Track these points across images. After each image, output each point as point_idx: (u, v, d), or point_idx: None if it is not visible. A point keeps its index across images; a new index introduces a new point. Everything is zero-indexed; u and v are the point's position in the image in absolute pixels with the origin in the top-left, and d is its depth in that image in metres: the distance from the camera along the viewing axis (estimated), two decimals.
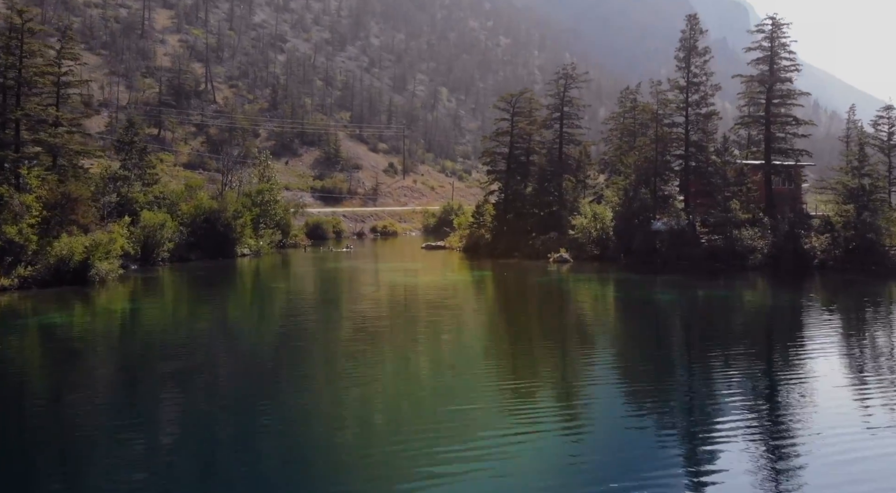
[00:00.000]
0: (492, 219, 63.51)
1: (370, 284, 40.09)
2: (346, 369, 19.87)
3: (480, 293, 38.62)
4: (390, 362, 21.06)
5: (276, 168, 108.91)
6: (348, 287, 39.47)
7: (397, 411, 16.14)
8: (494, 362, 21.54)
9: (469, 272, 47.24)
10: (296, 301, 34.82)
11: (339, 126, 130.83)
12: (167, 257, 49.73)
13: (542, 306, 34.08)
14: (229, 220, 55.43)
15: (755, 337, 26.50)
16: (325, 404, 16.75)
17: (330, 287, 39.60)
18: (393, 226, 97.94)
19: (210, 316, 30.20)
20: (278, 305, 33.71)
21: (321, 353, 22.30)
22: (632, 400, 17.10)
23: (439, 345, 24.17)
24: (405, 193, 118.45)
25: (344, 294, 36.81)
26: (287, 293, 37.46)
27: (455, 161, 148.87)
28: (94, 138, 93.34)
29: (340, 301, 33.74)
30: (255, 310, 32.48)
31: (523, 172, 65.06)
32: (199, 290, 39.23)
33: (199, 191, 58.80)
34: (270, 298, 35.96)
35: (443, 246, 68.11)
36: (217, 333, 26.58)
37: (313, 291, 38.27)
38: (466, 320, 29.78)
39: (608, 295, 37.74)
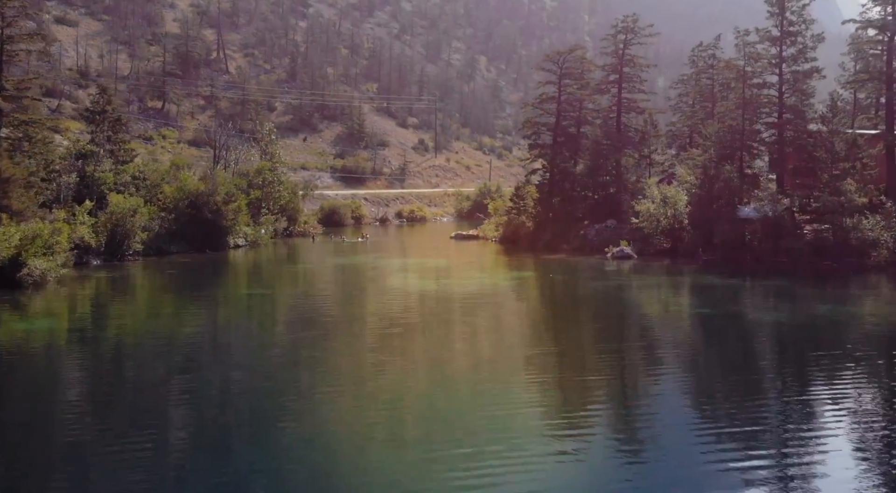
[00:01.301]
0: (534, 203, 55.58)
1: (378, 291, 32.37)
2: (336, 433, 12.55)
3: (519, 305, 30.57)
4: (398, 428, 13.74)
5: (288, 145, 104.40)
6: (348, 297, 31.76)
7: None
8: (541, 409, 15.81)
9: (505, 272, 39.23)
10: (272, 319, 27.39)
11: (364, 99, 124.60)
12: (141, 250, 43.12)
13: (599, 326, 26.11)
14: (219, 204, 48.62)
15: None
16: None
17: (324, 297, 31.94)
18: (421, 211, 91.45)
19: (148, 337, 23.03)
20: (246, 327, 26.33)
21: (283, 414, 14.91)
22: (705, 435, 13.97)
23: (469, 384, 16.82)
24: (436, 173, 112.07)
25: (338, 309, 29.16)
26: (265, 306, 30.03)
27: (494, 137, 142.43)
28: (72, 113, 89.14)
29: (327, 323, 26.16)
30: (213, 335, 25.15)
31: (573, 147, 56.87)
32: (159, 296, 32.22)
33: (185, 170, 52.06)
34: (240, 314, 28.62)
35: (475, 236, 60.38)
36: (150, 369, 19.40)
37: (300, 304, 30.64)
38: (502, 347, 22.12)
39: (686, 310, 29.39)
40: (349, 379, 18.10)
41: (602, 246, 46.60)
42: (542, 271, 39.40)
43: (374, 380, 17.83)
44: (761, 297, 32.68)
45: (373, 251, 50.96)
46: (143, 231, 44.18)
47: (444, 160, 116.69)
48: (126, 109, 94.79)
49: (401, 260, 43.67)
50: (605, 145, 55.11)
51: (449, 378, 18.22)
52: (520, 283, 34.98)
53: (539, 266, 41.41)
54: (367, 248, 53.90)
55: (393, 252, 51.61)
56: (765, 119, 49.31)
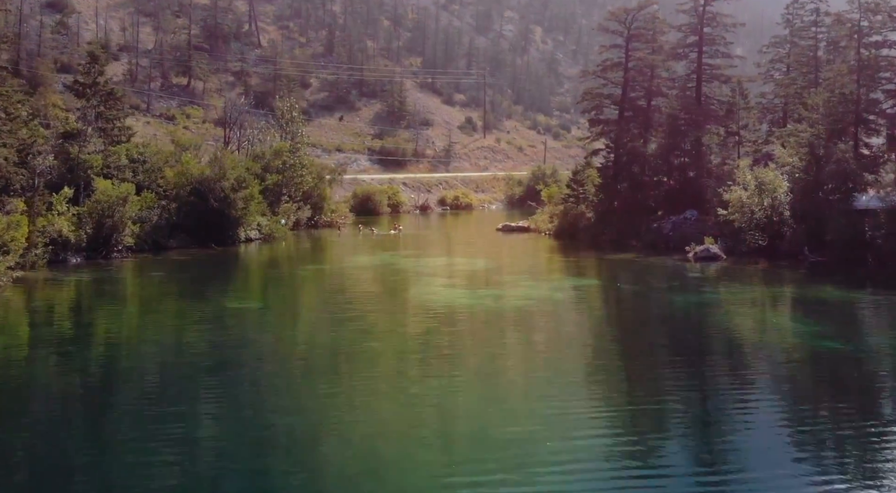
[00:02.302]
0: (596, 190, 49.21)
1: (399, 307, 26.26)
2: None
3: (578, 332, 24.22)
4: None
5: (323, 124, 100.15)
6: (354, 318, 25.40)
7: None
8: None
9: (560, 279, 32.77)
10: (240, 349, 21.87)
11: (406, 74, 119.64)
12: (133, 245, 38.57)
13: (681, 365, 19.89)
14: (227, 192, 43.68)
15: None
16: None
17: (321, 317, 25.46)
18: (466, 197, 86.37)
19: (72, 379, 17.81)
20: (216, 360, 20.82)
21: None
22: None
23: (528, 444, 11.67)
24: (485, 155, 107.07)
25: (338, 336, 23.31)
26: (245, 327, 24.43)
27: (549, 115, 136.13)
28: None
29: (321, 360, 20.48)
30: (168, 371, 19.74)
31: (643, 123, 50.30)
32: (116, 310, 27.14)
33: (192, 151, 47.34)
34: (210, 339, 23.07)
35: (526, 228, 54.27)
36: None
37: (289, 327, 24.46)
38: (559, 393, 16.29)
39: (794, 340, 22.53)
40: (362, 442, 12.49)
41: (681, 243, 39.90)
42: (608, 277, 33.02)
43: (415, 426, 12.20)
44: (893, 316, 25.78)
45: (405, 247, 45.34)
46: (136, 223, 39.66)
47: (493, 141, 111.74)
48: (146, 87, 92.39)
49: (435, 260, 37.78)
50: (682, 120, 48.22)
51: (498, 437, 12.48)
52: (579, 296, 28.56)
53: (603, 270, 35.06)
54: (399, 242, 48.48)
55: (428, 248, 45.85)
56: (885, 86, 41.81)
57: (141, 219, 40.68)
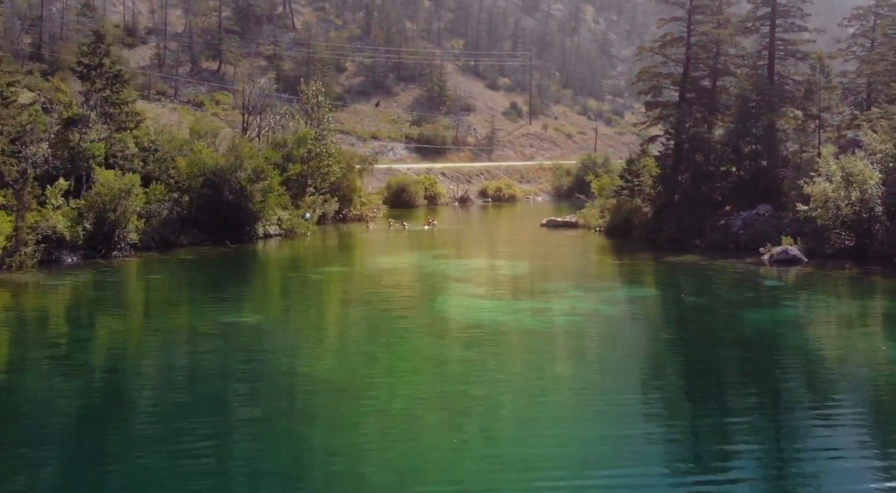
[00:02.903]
0: (653, 182, 45.20)
1: (421, 325, 22.49)
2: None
3: (632, 357, 20.22)
4: None
5: (358, 111, 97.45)
6: (367, 338, 21.48)
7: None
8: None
9: (613, 287, 28.52)
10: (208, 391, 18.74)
11: (447, 57, 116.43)
12: (138, 242, 36.13)
13: (757, 395, 16.33)
14: (244, 183, 41.02)
15: None
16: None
17: (324, 339, 21.58)
18: (510, 188, 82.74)
19: None
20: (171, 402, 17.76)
21: None
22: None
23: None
24: (531, 142, 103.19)
25: (341, 365, 19.89)
26: (231, 353, 21.36)
27: (601, 100, 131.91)
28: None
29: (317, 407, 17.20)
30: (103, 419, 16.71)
31: (708, 105, 46.12)
32: (100, 326, 24.40)
33: (208, 138, 44.83)
34: (172, 368, 20.07)
35: (574, 223, 50.45)
36: None
37: (288, 356, 20.31)
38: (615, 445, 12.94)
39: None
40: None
41: (752, 243, 35.69)
42: (667, 285, 29.08)
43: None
44: None
45: (438, 245, 42.05)
46: (141, 218, 37.22)
47: (540, 127, 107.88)
48: (174, 72, 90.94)
49: (469, 262, 34.22)
50: (753, 102, 43.73)
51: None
52: (633, 310, 24.50)
53: (661, 276, 31.13)
54: (432, 238, 45.23)
55: (463, 247, 42.42)
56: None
57: (149, 213, 38.27)
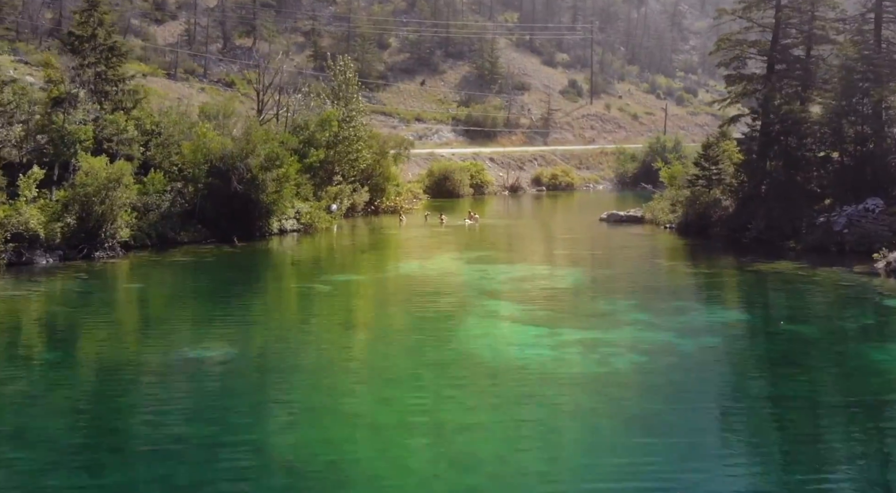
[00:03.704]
0: (735, 170, 40.07)
1: (433, 365, 17.37)
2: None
3: (718, 416, 15.40)
4: None
5: (402, 90, 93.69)
6: (357, 386, 16.15)
7: None
8: None
9: (689, 307, 22.66)
10: None
11: (500, 31, 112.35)
12: (130, 240, 32.85)
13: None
14: (255, 171, 37.45)
15: None
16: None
17: (297, 391, 16.02)
18: (567, 175, 78.14)
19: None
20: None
21: None
22: None
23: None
24: (592, 124, 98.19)
25: (313, 432, 15.41)
26: (182, 408, 17.16)
27: (671, 77, 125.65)
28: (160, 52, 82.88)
29: None
30: None
31: (802, 78, 40.74)
32: (36, 359, 20.65)
33: (220, 120, 41.34)
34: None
35: (639, 218, 45.48)
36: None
37: (250, 421, 16.01)
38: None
39: None
40: None
41: (861, 246, 30.29)
42: (759, 305, 23.88)
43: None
44: None
45: (477, 243, 37.68)
46: (136, 212, 34.00)
47: (602, 108, 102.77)
48: (205, 49, 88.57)
49: (510, 269, 29.24)
50: (858, 74, 38.06)
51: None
52: (717, 344, 18.47)
53: (750, 291, 25.99)
54: (472, 236, 40.95)
55: (506, 247, 37.84)
56: None
57: (146, 207, 35.05)
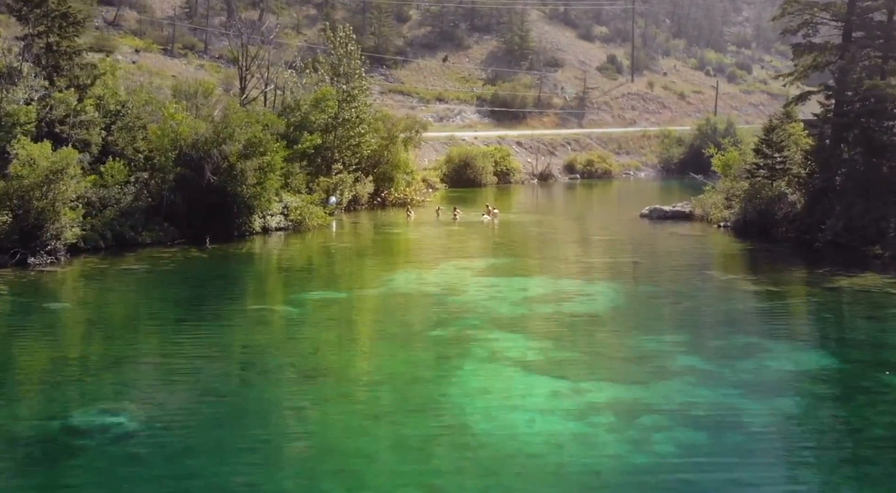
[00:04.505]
0: (804, 158, 35.41)
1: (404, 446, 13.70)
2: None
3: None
4: None
5: (423, 67, 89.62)
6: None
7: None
8: None
9: (758, 349, 17.16)
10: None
11: (531, 1, 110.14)
12: (81, 241, 29.02)
13: None
14: (233, 160, 33.44)
15: None
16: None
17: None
18: (605, 161, 74.75)
19: None
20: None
21: None
22: None
23: None
24: (632, 104, 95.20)
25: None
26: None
27: (723, 52, 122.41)
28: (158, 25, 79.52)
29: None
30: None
31: (885, 49, 36.15)
32: None
33: (195, 100, 37.29)
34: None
35: (686, 213, 40.83)
36: None
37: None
38: None
39: None
40: None
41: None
42: (847, 344, 18.99)
43: None
44: None
45: (493, 247, 33.22)
46: (90, 208, 30.27)
47: (644, 86, 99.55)
48: (206, 21, 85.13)
49: (527, 283, 24.22)
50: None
51: None
52: (802, 409, 13.45)
53: (833, 321, 21.00)
54: (489, 235, 36.64)
55: (527, 251, 33.12)
56: None
57: (102, 202, 31.23)
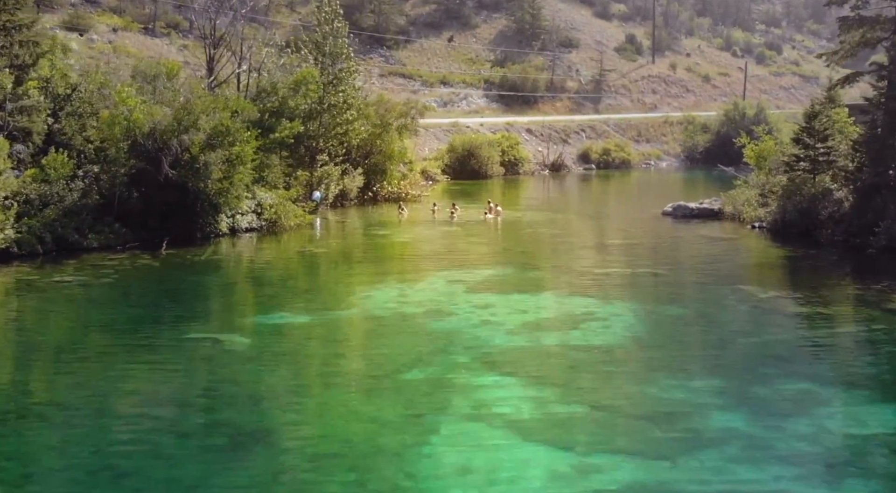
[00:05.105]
0: (852, 149, 32.48)
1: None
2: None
3: None
4: None
5: (426, 48, 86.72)
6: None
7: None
8: None
9: (817, 398, 13.47)
10: None
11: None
12: (13, 247, 26.25)
13: None
14: (196, 151, 30.49)
15: None
16: None
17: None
18: (623, 150, 72.41)
19: None
20: None
21: None
22: None
23: None
24: (654, 87, 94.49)
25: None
26: None
27: (751, 31, 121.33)
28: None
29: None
30: None
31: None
32: None
33: (157, 83, 34.25)
34: None
35: (716, 211, 37.74)
36: None
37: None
38: None
39: None
40: None
41: None
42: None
43: None
44: None
45: (488, 256, 30.06)
46: (25, 207, 27.62)
47: (666, 68, 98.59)
48: (191, 1, 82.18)
49: (527, 304, 20.56)
50: None
51: None
52: (872, 488, 11.53)
53: (891, 350, 17.99)
54: (489, 237, 33.71)
55: (529, 260, 29.65)
56: None
57: (42, 199, 28.45)
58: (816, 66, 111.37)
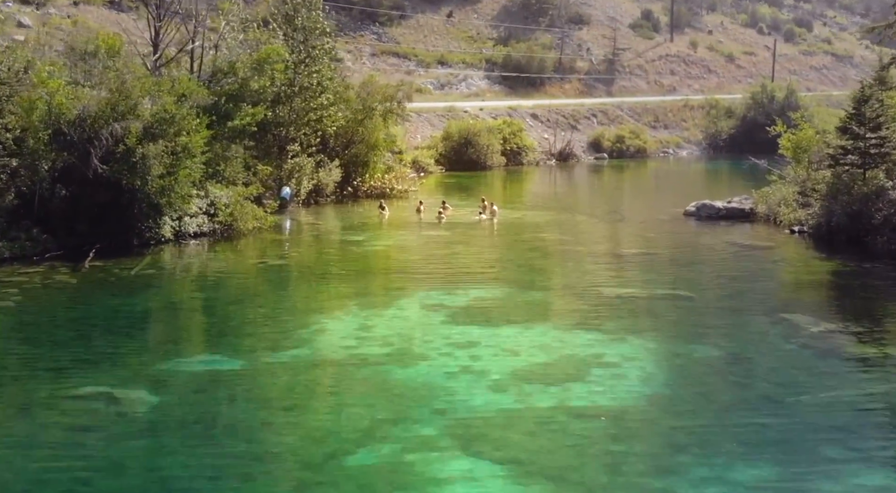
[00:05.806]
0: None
1: None
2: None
3: None
4: None
5: (423, 25, 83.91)
6: None
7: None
8: None
9: (871, 458, 12.39)
10: None
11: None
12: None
13: None
14: (132, 142, 27.23)
15: None
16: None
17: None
18: (638, 137, 70.08)
19: None
20: None
21: None
22: None
23: None
24: (672, 68, 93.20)
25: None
26: None
27: (778, 6, 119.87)
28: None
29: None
30: None
31: None
32: None
33: (86, 63, 30.90)
34: None
35: (747, 212, 34.48)
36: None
37: None
38: None
39: None
40: None
41: None
42: None
43: None
44: None
45: (476, 271, 26.51)
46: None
47: (685, 46, 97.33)
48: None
49: (521, 338, 17.05)
50: None
51: None
52: None
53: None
54: (478, 246, 30.43)
55: (525, 276, 26.13)
56: None
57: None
58: (850, 44, 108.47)
